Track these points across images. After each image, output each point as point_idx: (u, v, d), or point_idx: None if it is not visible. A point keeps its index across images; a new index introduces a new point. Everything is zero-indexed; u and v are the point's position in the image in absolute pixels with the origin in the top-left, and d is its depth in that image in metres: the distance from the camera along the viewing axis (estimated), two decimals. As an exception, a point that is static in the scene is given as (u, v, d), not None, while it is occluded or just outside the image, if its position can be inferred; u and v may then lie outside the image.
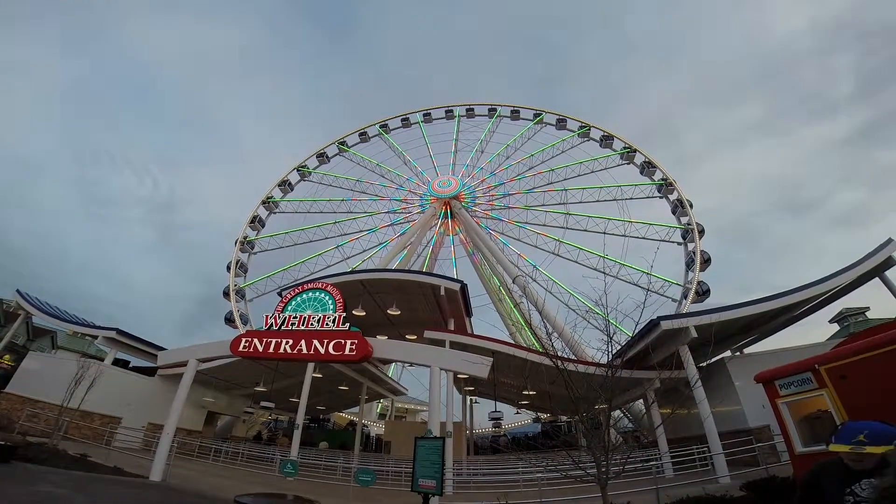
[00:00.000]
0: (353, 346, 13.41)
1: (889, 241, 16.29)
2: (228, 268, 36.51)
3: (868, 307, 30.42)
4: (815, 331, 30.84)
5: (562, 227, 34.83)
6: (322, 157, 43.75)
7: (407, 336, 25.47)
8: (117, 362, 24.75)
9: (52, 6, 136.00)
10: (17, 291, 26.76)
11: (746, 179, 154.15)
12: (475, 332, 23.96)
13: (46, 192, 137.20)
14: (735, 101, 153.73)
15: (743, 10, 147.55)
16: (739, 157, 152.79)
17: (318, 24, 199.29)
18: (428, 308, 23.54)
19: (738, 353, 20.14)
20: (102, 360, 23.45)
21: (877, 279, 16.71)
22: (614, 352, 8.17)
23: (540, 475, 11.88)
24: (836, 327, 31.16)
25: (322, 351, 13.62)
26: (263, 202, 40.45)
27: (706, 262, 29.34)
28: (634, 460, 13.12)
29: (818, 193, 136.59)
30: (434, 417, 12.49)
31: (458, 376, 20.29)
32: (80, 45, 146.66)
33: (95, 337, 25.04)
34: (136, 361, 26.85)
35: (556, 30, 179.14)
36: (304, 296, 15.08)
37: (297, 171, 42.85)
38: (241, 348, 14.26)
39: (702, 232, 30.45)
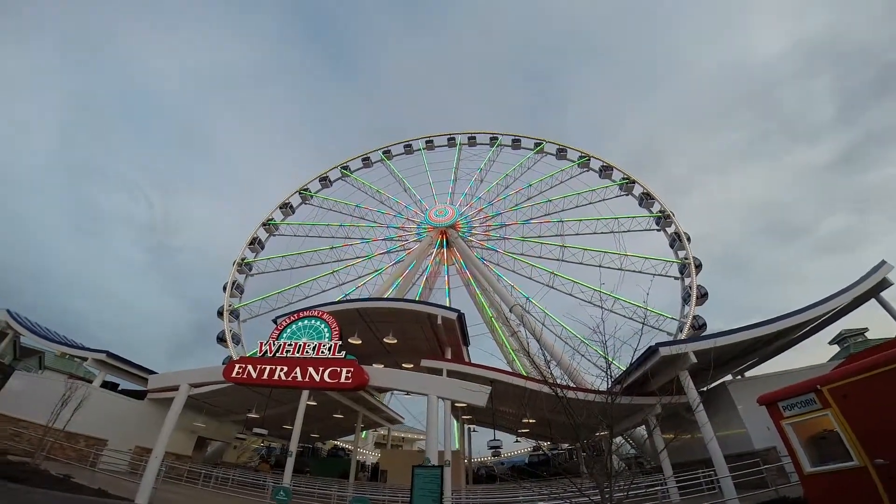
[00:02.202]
0: (349, 374, 13.14)
1: (882, 263, 16.56)
2: (225, 288, 36.26)
3: (867, 328, 30.41)
4: (815, 352, 30.71)
5: (557, 260, 34.54)
6: (325, 180, 44.15)
7: (404, 365, 25.10)
8: (106, 385, 24.16)
9: (53, 17, 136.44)
10: (7, 311, 26.23)
11: (734, 207, 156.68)
12: (473, 361, 23.60)
13: (35, 206, 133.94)
14: (719, 126, 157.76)
15: (727, 36, 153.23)
16: (726, 184, 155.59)
17: (321, 51, 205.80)
18: (425, 337, 23.28)
19: (739, 377, 19.93)
20: (91, 381, 22.91)
21: (873, 300, 16.82)
22: (613, 378, 8.12)
23: (542, 503, 11.50)
24: (836, 348, 31.06)
25: (317, 378, 13.33)
26: (264, 224, 40.55)
27: (703, 296, 28.62)
28: (638, 486, 12.76)
29: (806, 219, 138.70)
30: (432, 446, 12.14)
31: (456, 405, 19.89)
32: (81, 59, 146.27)
33: (85, 359, 24.49)
34: (125, 384, 26.22)
35: (549, 61, 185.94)
36: (300, 323, 14.87)
37: (300, 193, 43.16)
38: (234, 374, 13.95)
39: (699, 266, 29.74)
